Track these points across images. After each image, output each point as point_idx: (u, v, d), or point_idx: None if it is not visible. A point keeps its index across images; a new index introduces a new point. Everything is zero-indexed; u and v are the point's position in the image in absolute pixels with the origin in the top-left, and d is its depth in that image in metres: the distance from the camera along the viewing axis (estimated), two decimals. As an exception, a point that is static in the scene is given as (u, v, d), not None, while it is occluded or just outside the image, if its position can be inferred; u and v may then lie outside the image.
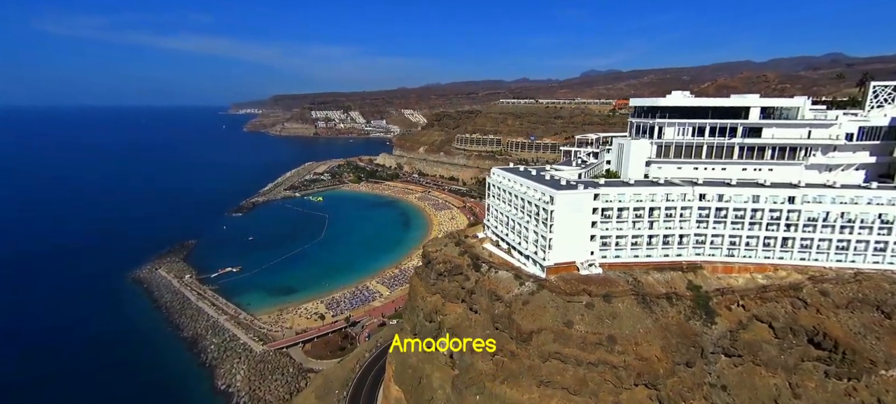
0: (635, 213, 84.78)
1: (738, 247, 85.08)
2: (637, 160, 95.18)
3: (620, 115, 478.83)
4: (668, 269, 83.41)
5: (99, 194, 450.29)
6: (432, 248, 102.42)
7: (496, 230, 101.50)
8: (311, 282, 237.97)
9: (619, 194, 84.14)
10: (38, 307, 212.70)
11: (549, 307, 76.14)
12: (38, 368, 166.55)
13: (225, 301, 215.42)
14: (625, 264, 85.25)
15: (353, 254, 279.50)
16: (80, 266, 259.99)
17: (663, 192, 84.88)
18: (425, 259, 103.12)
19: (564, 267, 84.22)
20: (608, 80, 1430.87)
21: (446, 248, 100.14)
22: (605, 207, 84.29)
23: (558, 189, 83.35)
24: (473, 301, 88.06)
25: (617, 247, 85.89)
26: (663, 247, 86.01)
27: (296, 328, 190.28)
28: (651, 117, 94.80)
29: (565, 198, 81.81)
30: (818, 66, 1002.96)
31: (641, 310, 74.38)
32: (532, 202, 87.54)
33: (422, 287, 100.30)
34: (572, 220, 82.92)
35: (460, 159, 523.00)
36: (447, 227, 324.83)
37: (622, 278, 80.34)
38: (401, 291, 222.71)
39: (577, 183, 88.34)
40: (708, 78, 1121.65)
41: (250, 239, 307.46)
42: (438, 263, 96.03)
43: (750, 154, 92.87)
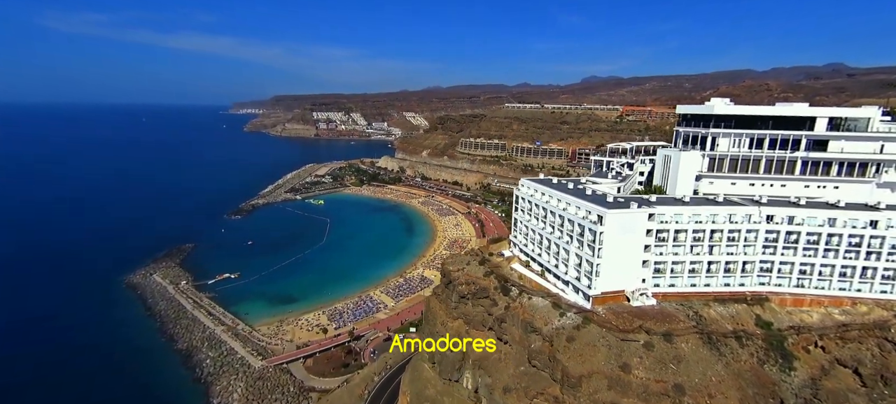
0: (694, 236, 74.76)
1: (809, 276, 75.19)
2: (686, 174, 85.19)
3: (628, 122, 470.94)
4: (731, 301, 73.43)
5: (94, 193, 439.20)
6: (453, 266, 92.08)
7: (526, 249, 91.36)
8: (313, 291, 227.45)
9: (675, 214, 74.14)
10: (23, 313, 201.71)
11: (601, 346, 66.05)
12: (21, 378, 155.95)
13: (222, 310, 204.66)
14: (681, 294, 75.31)
15: (356, 262, 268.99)
16: (70, 269, 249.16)
17: (725, 213, 74.94)
18: (445, 278, 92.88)
19: (612, 296, 74.22)
20: (609, 86, 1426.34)
21: (469, 267, 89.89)
22: (659, 229, 74.33)
23: (608, 207, 73.26)
24: (503, 330, 77.89)
25: (672, 275, 75.87)
26: (724, 275, 76.05)
27: (296, 341, 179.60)
28: (703, 126, 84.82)
29: (617, 218, 71.83)
30: (819, 75, 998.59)
31: (709, 353, 64.35)
32: (574, 221, 77.54)
33: (441, 310, 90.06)
34: (623, 243, 73.03)
35: (464, 164, 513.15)
36: (452, 234, 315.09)
37: (681, 311, 70.31)
38: (406, 302, 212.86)
39: (629, 200, 78.31)
40: (709, 86, 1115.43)
41: (250, 243, 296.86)
42: (461, 284, 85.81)
43: (813, 169, 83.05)
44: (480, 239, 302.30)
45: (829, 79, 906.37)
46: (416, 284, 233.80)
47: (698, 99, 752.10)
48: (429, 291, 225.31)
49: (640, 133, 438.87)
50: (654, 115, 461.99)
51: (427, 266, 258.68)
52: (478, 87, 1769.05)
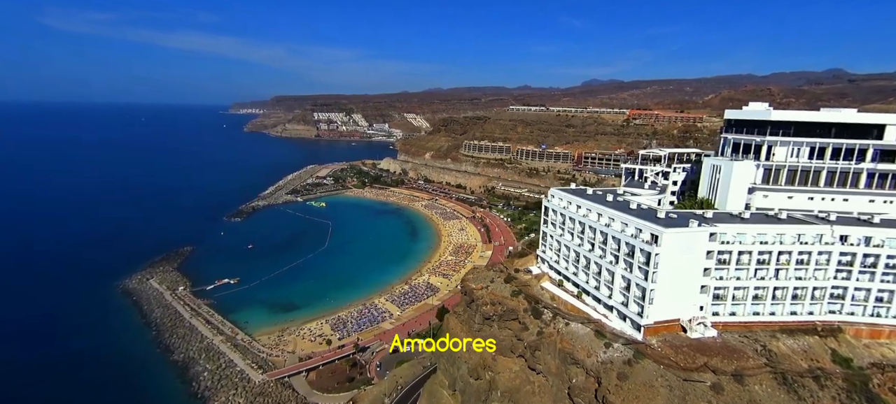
0: (759, 258, 66.40)
1: (888, 304, 66.79)
2: (738, 186, 76.97)
3: (634, 126, 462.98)
4: (800, 332, 65.16)
5: (90, 194, 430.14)
6: (475, 283, 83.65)
7: (557, 266, 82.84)
8: (315, 298, 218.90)
9: (738, 233, 65.69)
10: (9, 320, 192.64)
11: (660, 387, 57.67)
12: (3, 391, 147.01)
13: (221, 318, 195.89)
14: (743, 324, 67.02)
15: (359, 267, 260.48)
16: (62, 273, 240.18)
17: (794, 232, 66.56)
18: (466, 296, 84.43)
19: (666, 326, 65.92)
20: (610, 89, 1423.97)
21: (494, 285, 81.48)
22: (721, 250, 65.90)
23: (665, 225, 64.85)
24: (536, 359, 69.52)
25: (733, 302, 67.45)
26: (792, 302, 67.64)
27: (298, 352, 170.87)
28: (758, 133, 76.45)
29: (675, 238, 63.53)
30: (819, 80, 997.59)
31: (787, 396, 56.05)
32: (621, 240, 69.15)
33: (463, 330, 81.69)
34: (680, 266, 64.78)
35: (468, 166, 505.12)
36: (457, 239, 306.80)
37: (747, 345, 62.02)
38: (412, 311, 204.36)
39: (685, 217, 69.87)
40: (710, 90, 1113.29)
41: (250, 247, 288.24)
42: (485, 304, 77.45)
43: (881, 182, 74.76)
44: (486, 244, 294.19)
45: (830, 84, 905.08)
46: (422, 292, 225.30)
47: (700, 103, 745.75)
48: (435, 300, 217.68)
49: (648, 137, 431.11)
50: (661, 119, 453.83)
51: (433, 272, 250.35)
52: (479, 89, 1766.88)
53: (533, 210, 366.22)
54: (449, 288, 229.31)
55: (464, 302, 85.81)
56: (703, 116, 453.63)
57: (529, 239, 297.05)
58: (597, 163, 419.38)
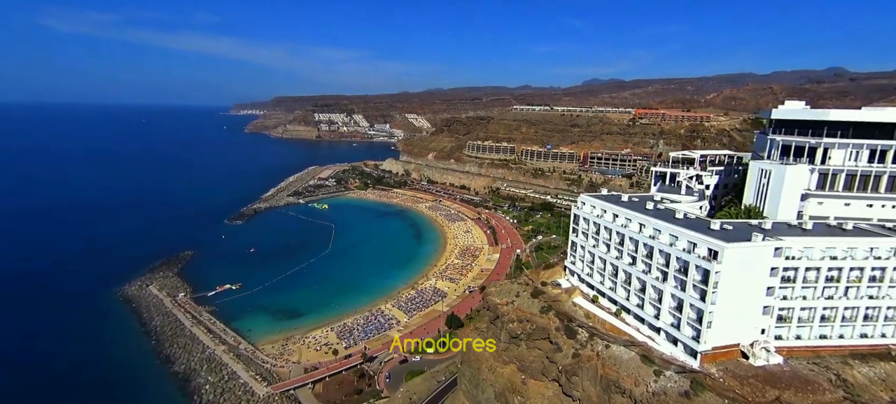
0: (827, 275, 59.81)
1: (968, 325, 60.24)
2: (791, 193, 70.31)
3: (640, 125, 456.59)
4: (873, 358, 58.60)
5: (88, 198, 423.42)
6: (499, 297, 77.00)
7: (591, 280, 76.07)
8: (319, 304, 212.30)
9: (805, 247, 59.06)
10: (5, 328, 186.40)
11: (727, 424, 51.19)
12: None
13: (223, 326, 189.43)
14: (809, 349, 60.54)
15: (364, 271, 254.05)
16: (60, 280, 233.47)
17: (866, 245, 59.92)
18: (491, 311, 77.73)
19: (725, 352, 59.34)
20: (611, 88, 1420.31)
21: (520, 299, 74.87)
22: (786, 266, 59.27)
23: (726, 239, 58.20)
24: (573, 385, 63.02)
25: (799, 324, 60.84)
26: (863, 324, 61.04)
27: (304, 362, 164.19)
28: (812, 135, 69.80)
29: (738, 254, 56.85)
30: (820, 79, 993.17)
31: (873, 436, 49.64)
32: (671, 254, 62.50)
33: (487, 351, 74.73)
34: (742, 285, 58.21)
35: (472, 167, 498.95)
36: (463, 242, 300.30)
37: (819, 374, 55.54)
38: (420, 318, 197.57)
39: (748, 229, 63.41)
40: (712, 89, 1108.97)
41: (252, 250, 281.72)
42: (512, 321, 70.90)
43: (948, 189, 68.02)
44: (493, 246, 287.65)
45: (831, 83, 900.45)
46: (429, 297, 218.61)
47: (703, 102, 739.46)
48: (443, 306, 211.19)
49: (654, 137, 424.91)
50: (667, 118, 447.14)
51: (439, 276, 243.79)
52: (479, 88, 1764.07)
53: (539, 211, 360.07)
54: (456, 292, 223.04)
55: (487, 317, 79.02)
56: (709, 116, 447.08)
57: (537, 241, 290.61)
58: (603, 163, 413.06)
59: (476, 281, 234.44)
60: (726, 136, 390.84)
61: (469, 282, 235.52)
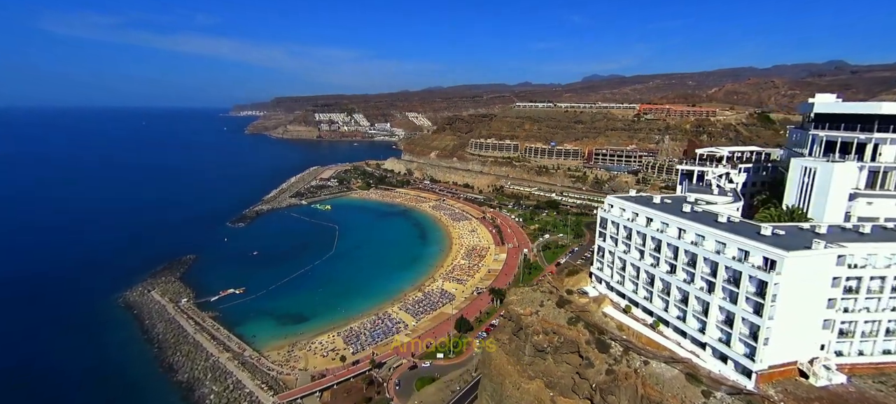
0: (894, 285, 55.11)
1: None
2: (839, 192, 65.59)
3: (645, 121, 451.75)
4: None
5: (89, 202, 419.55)
6: (522, 307, 72.50)
7: (623, 289, 71.32)
8: (325, 308, 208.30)
9: (869, 254, 54.41)
10: (3, 335, 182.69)
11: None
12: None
13: (227, 332, 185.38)
14: (873, 366, 56.08)
15: (369, 273, 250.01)
16: (60, 287, 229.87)
17: (930, 249, 55.17)
18: (514, 323, 73.17)
19: (782, 370, 54.70)
20: (612, 84, 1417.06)
21: (545, 310, 70.32)
22: (850, 275, 54.63)
23: (785, 246, 53.68)
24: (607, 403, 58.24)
25: (862, 339, 56.27)
26: (930, 337, 56.43)
27: (311, 370, 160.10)
28: (861, 130, 65.06)
29: (799, 263, 52.10)
30: (821, 72, 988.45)
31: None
32: (719, 263, 57.75)
33: (510, 364, 70.55)
34: (801, 297, 53.52)
35: (475, 165, 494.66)
36: (468, 242, 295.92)
37: (889, 395, 50.98)
38: (428, 321, 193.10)
39: (807, 235, 58.84)
40: (713, 83, 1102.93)
41: (255, 253, 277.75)
42: (537, 333, 66.44)
43: None
44: (499, 246, 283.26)
45: (832, 76, 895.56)
46: (436, 299, 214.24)
47: (705, 97, 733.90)
48: (452, 308, 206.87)
49: (660, 133, 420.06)
50: (672, 113, 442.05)
51: (446, 278, 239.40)
52: (480, 86, 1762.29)
53: (544, 209, 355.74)
54: (464, 294, 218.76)
55: (509, 329, 74.43)
56: (715, 110, 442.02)
57: (544, 240, 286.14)
58: (608, 159, 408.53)
59: (484, 282, 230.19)
60: (732, 131, 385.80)
61: (477, 283, 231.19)
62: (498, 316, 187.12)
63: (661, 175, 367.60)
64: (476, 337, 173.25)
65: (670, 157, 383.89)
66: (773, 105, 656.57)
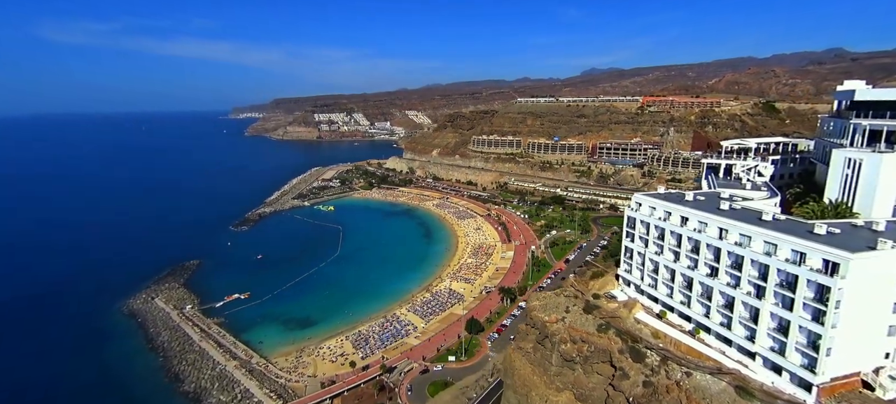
0: None
1: None
2: (888, 185, 61.46)
3: (649, 113, 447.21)
4: None
5: (89, 209, 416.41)
6: (546, 313, 68.58)
7: (656, 293, 66.97)
8: (332, 312, 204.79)
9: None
10: (5, 346, 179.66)
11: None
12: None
13: (233, 339, 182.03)
14: None
15: (376, 275, 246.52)
16: (62, 296, 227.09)
17: None
18: (538, 331, 69.22)
19: (845, 382, 50.72)
20: (611, 77, 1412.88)
21: (572, 316, 66.38)
22: None
23: (848, 247, 49.58)
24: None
25: None
26: None
27: (320, 376, 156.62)
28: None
29: (866, 266, 48.36)
30: (821, 60, 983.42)
31: None
32: (772, 266, 53.58)
33: (535, 374, 66.73)
34: (867, 302, 49.71)
35: (478, 162, 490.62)
36: (474, 240, 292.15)
37: None
38: (437, 323, 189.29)
39: (865, 233, 54.92)
40: (713, 74, 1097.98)
41: (259, 257, 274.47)
42: (564, 341, 62.54)
43: None
44: (506, 243, 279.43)
45: (833, 63, 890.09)
46: (444, 300, 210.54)
47: (705, 87, 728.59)
48: (461, 308, 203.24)
49: (664, 125, 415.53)
50: (676, 105, 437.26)
51: (453, 277, 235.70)
52: (478, 82, 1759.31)
53: (549, 205, 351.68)
54: (473, 294, 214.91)
55: (533, 337, 70.51)
56: (719, 101, 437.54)
57: (551, 237, 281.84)
58: (613, 152, 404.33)
59: (492, 281, 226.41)
60: (738, 122, 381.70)
61: (485, 282, 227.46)
62: (509, 315, 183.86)
63: (666, 168, 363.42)
64: (487, 338, 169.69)
65: (675, 150, 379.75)
66: (774, 94, 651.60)
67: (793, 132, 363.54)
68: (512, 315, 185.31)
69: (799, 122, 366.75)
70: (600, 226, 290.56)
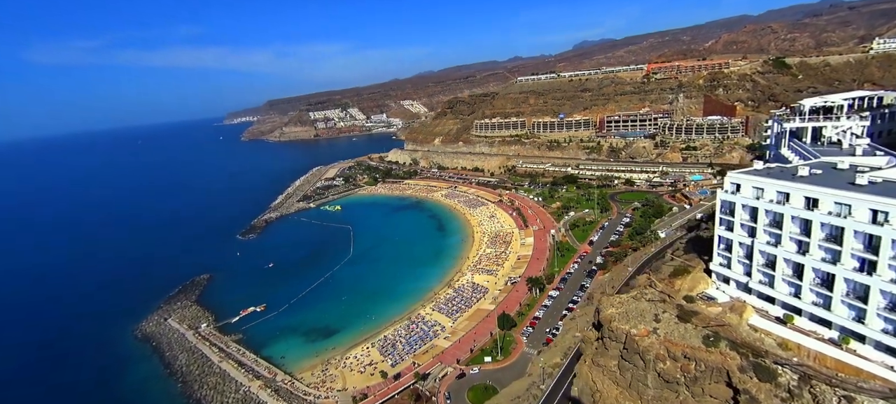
0: None
1: None
2: None
3: (656, 81, 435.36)
4: None
5: (91, 231, 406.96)
6: (629, 323, 58.35)
7: (773, 292, 55.25)
8: (353, 317, 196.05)
9: None
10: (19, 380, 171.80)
11: None
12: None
13: (254, 356, 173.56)
14: None
15: (393, 274, 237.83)
16: (72, 323, 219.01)
17: None
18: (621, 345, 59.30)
19: None
20: (604, 49, 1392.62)
21: (664, 325, 56.16)
22: None
23: None
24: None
25: None
26: None
27: (351, 389, 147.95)
28: None
29: None
30: (817, 12, 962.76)
31: None
32: None
33: (628, 399, 56.86)
34: None
35: (482, 147, 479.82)
36: (489, 228, 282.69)
37: None
38: (466, 321, 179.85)
39: None
40: (707, 36, 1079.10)
41: (270, 265, 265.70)
42: (661, 359, 52.79)
43: None
44: (523, 229, 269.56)
45: (830, 14, 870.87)
46: (469, 295, 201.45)
47: (703, 50, 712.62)
48: (488, 303, 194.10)
49: (673, 91, 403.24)
50: (684, 70, 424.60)
51: (474, 270, 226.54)
52: (471, 66, 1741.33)
53: (562, 185, 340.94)
54: (497, 286, 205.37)
55: (615, 352, 60.38)
56: (727, 61, 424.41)
57: (570, 218, 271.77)
58: (621, 125, 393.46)
59: (516, 270, 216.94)
60: (749, 82, 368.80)
61: (508, 272, 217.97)
62: (540, 306, 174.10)
63: (679, 136, 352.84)
64: (521, 333, 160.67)
65: (687, 116, 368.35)
66: (774, 50, 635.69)
67: (808, 88, 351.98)
68: (543, 306, 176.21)
69: (813, 77, 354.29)
70: (619, 203, 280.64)
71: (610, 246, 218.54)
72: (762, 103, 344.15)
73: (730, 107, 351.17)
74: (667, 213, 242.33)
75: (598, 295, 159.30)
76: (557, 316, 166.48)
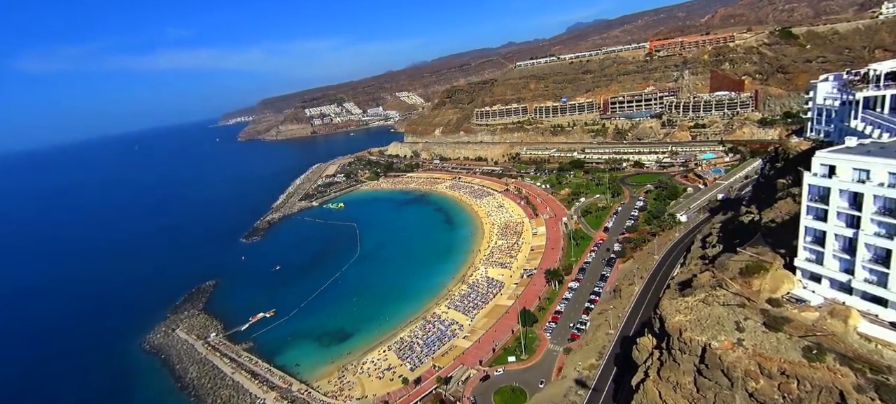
0: None
1: None
2: None
3: (659, 58, 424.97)
4: None
5: (91, 242, 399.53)
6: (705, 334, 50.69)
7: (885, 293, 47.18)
8: (366, 319, 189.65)
9: None
10: None
11: None
12: None
13: (267, 365, 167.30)
14: None
15: (404, 271, 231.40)
16: (77, 338, 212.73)
17: None
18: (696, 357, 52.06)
19: None
20: (599, 30, 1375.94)
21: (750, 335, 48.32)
22: None
23: None
24: None
25: None
26: None
27: (370, 396, 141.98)
28: None
29: None
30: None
31: None
32: None
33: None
34: None
35: (484, 136, 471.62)
36: (498, 219, 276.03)
37: None
38: (484, 318, 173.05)
39: None
40: (702, 11, 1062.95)
41: (277, 268, 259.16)
42: (750, 375, 45.80)
43: None
44: (534, 218, 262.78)
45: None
46: (484, 290, 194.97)
47: (699, 25, 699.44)
48: (505, 298, 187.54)
49: (678, 68, 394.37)
50: (687, 45, 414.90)
51: (487, 263, 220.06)
52: (465, 54, 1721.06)
53: (569, 171, 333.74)
54: (513, 279, 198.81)
55: (688, 367, 53.15)
56: (732, 34, 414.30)
57: (581, 204, 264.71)
58: (626, 106, 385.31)
59: (531, 262, 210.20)
60: (756, 54, 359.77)
61: (523, 264, 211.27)
62: (561, 299, 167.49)
63: (687, 114, 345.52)
64: (544, 329, 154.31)
65: (693, 93, 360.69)
66: (773, 22, 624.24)
67: (817, 57, 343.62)
68: (563, 299, 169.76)
69: (821, 46, 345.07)
70: (630, 187, 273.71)
71: (626, 232, 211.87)
72: (770, 76, 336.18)
73: (737, 82, 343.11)
74: (682, 195, 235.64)
75: (625, 286, 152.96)
76: (580, 309, 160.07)
